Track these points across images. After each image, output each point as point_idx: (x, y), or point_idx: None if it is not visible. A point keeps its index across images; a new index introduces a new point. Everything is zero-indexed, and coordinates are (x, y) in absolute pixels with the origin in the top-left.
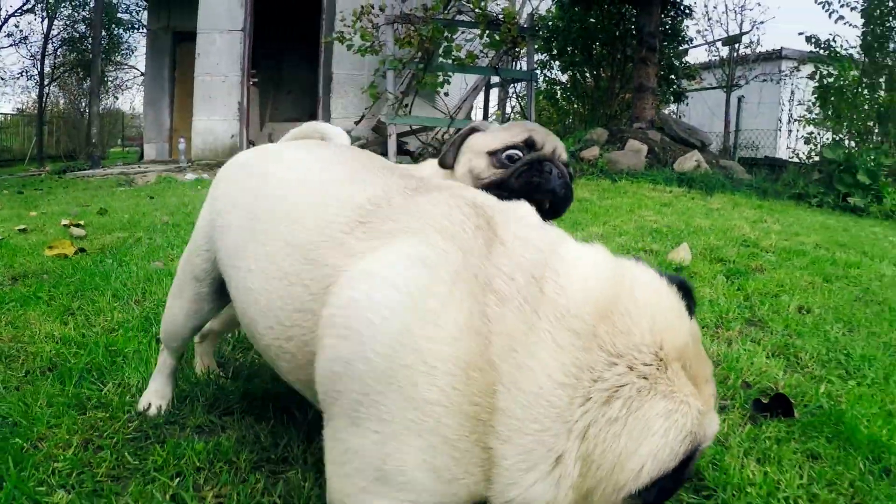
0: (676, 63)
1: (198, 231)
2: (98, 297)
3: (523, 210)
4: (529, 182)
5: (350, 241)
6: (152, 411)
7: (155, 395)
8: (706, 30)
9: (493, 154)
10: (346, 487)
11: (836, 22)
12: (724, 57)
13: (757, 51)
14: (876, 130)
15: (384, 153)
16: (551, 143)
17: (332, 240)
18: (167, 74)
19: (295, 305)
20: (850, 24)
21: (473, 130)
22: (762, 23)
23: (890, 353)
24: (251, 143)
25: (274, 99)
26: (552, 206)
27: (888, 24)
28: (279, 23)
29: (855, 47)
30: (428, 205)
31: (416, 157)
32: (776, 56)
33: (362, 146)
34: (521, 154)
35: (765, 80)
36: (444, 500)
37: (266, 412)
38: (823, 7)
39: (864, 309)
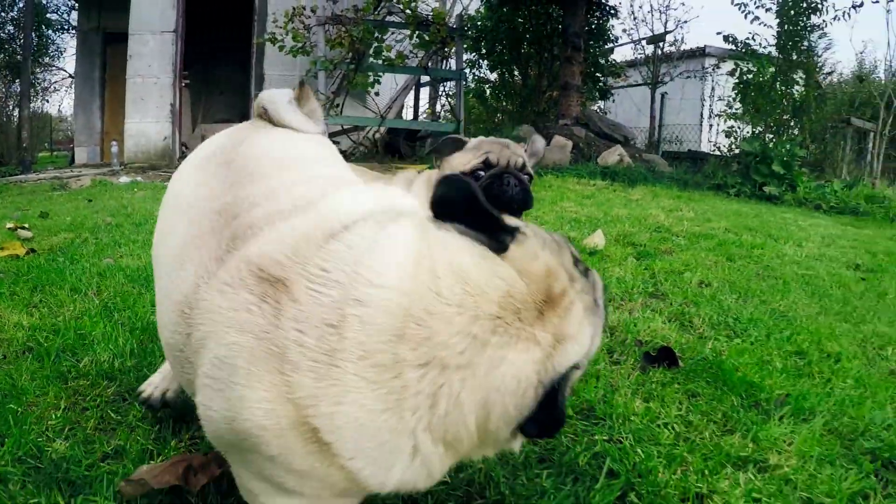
0: (602, 61)
1: None
2: (57, 290)
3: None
4: (490, 196)
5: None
6: (154, 397)
7: (152, 384)
8: (632, 29)
9: (465, 174)
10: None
11: (751, 22)
12: (650, 55)
13: (681, 49)
14: (792, 123)
15: None
16: (505, 156)
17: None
18: (98, 76)
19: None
20: (765, 25)
21: (456, 142)
22: (686, 22)
23: (776, 318)
24: (184, 146)
25: (206, 100)
26: (517, 210)
27: (801, 24)
28: (210, 24)
29: (772, 46)
30: (219, 300)
31: (347, 157)
32: (700, 53)
33: None
34: (483, 173)
35: (689, 77)
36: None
37: None
38: (740, 8)
39: (760, 283)
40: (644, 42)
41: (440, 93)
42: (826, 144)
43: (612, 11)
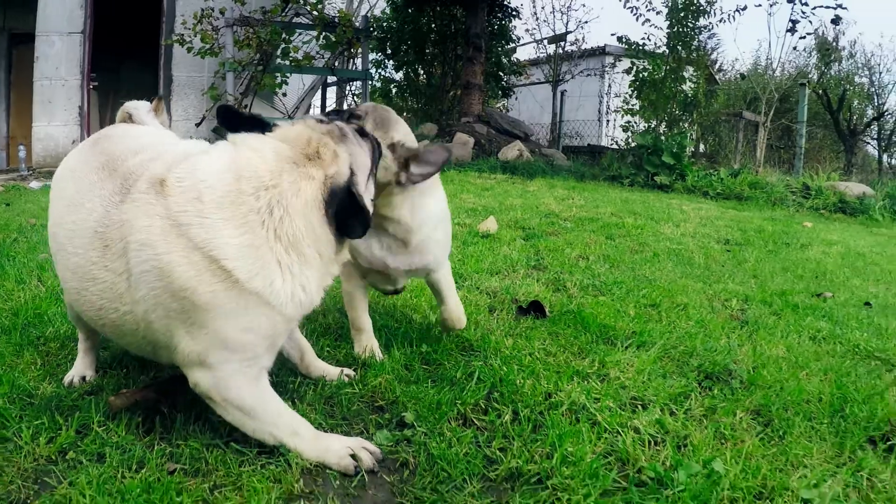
0: (505, 60)
1: None
2: (3, 282)
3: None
4: None
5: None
6: (75, 383)
7: (74, 371)
8: (535, 29)
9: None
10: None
11: (643, 25)
12: (551, 54)
13: (582, 48)
14: (683, 118)
15: None
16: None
17: None
18: (3, 78)
19: None
20: (656, 27)
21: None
22: (586, 22)
23: (639, 281)
24: None
25: (113, 102)
26: None
27: (689, 25)
28: (116, 25)
29: (664, 45)
30: (130, 209)
31: None
32: (600, 52)
33: None
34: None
35: (589, 75)
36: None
37: None
38: (632, 11)
39: (633, 256)
40: (546, 42)
41: (346, 93)
42: (720, 136)
43: (515, 13)
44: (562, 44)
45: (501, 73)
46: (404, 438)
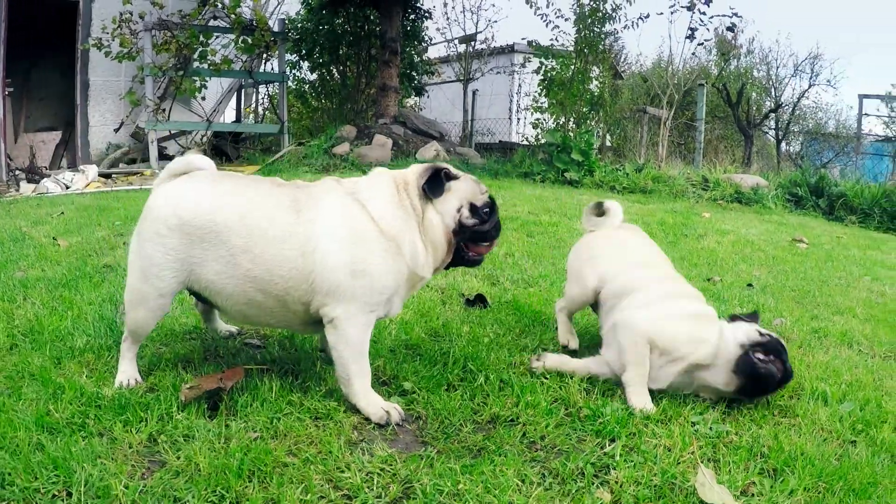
0: (418, 60)
1: (160, 262)
2: None
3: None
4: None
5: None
6: (128, 385)
7: (125, 375)
8: (445, 28)
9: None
10: None
11: (552, 31)
12: (462, 52)
13: (492, 46)
14: (590, 115)
15: (145, 159)
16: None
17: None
18: None
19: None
20: (564, 32)
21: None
22: (496, 22)
23: (559, 274)
24: (8, 157)
25: (27, 108)
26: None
27: (595, 30)
28: (29, 29)
29: (571, 48)
30: (334, 204)
31: None
32: (509, 50)
33: (124, 153)
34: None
35: (498, 73)
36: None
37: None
38: (542, 18)
39: (553, 252)
40: (457, 41)
41: (263, 94)
42: (625, 130)
43: (427, 14)
44: (472, 43)
45: (414, 74)
46: (412, 400)
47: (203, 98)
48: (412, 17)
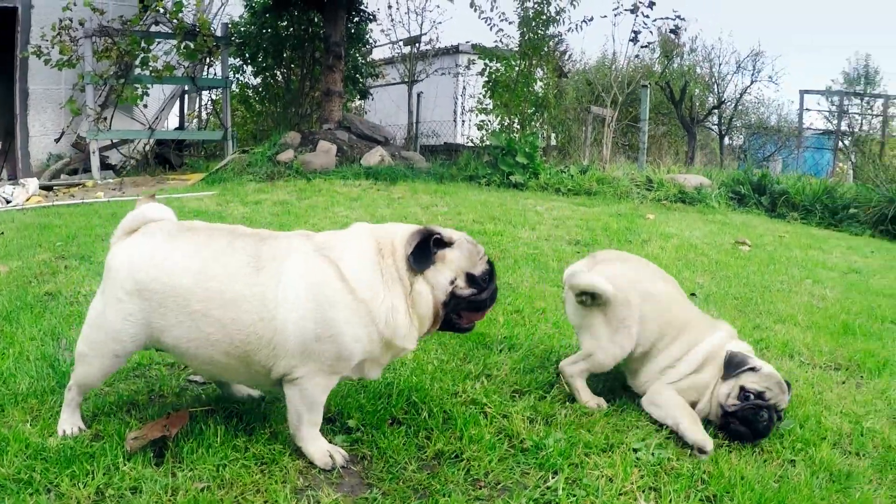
0: (362, 62)
1: (119, 328)
2: None
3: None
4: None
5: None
6: (73, 433)
7: (69, 423)
8: (390, 29)
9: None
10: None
11: (496, 34)
12: (406, 54)
13: (437, 47)
14: (534, 117)
15: (87, 170)
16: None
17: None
18: None
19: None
20: (509, 36)
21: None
22: (440, 23)
23: (503, 289)
24: None
25: None
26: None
27: (539, 33)
28: None
29: (515, 50)
30: (300, 264)
31: (118, 171)
32: (454, 51)
33: (66, 164)
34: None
35: (443, 74)
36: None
37: None
38: (486, 21)
39: (497, 263)
40: (401, 43)
41: (206, 100)
42: (570, 131)
43: (371, 17)
44: (417, 45)
45: (359, 76)
46: (356, 440)
47: (145, 105)
48: (356, 19)
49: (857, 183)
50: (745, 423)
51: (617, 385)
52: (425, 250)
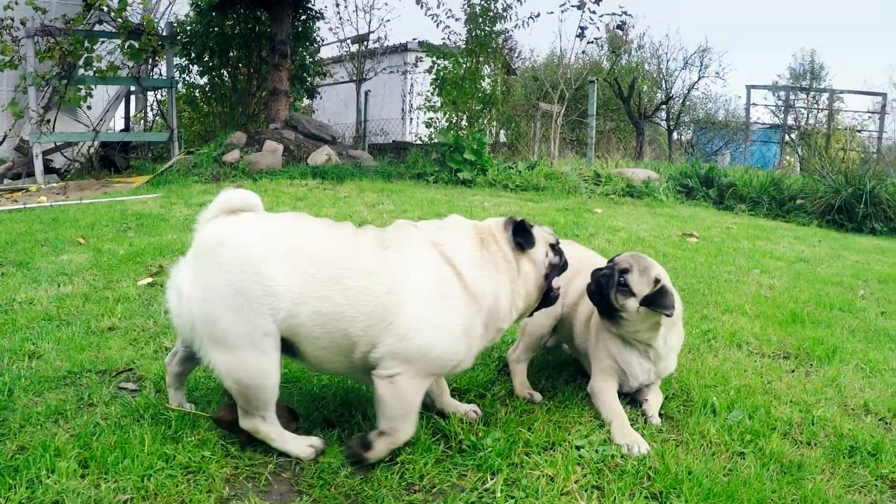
0: (309, 61)
1: (261, 287)
2: None
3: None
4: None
5: None
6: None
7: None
8: (338, 28)
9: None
10: None
11: (443, 31)
12: (354, 52)
13: (385, 45)
14: (482, 114)
15: (31, 174)
16: None
17: None
18: None
19: None
20: (455, 32)
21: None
22: (389, 21)
23: None
24: None
25: None
26: None
27: (486, 30)
28: None
29: (462, 46)
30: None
31: (62, 174)
32: (402, 49)
33: (8, 168)
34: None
35: (392, 73)
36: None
37: None
38: (432, 18)
39: None
40: (349, 41)
41: (151, 101)
42: (519, 127)
43: (318, 15)
44: (365, 43)
45: (306, 76)
46: None
47: (89, 107)
48: (303, 17)
49: (803, 174)
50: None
51: (560, 382)
52: (526, 231)
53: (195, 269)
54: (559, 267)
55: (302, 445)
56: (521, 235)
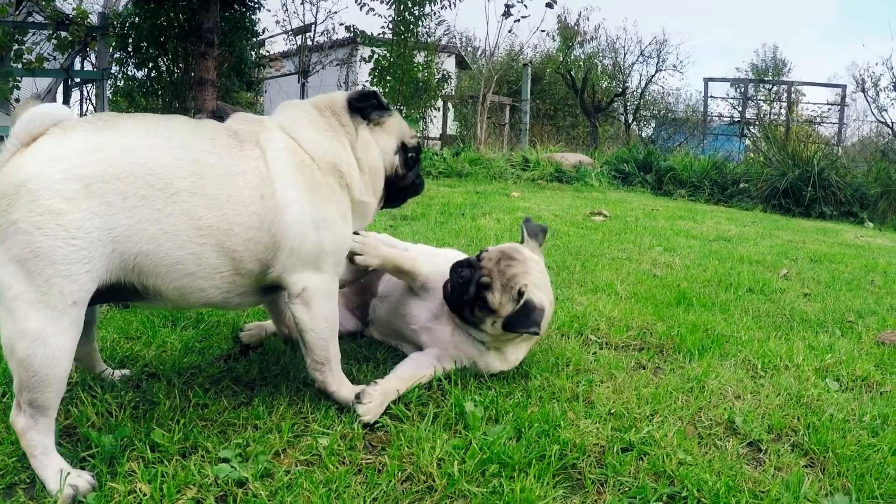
0: (251, 53)
1: (66, 238)
2: None
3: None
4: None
5: None
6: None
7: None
8: (285, 20)
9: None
10: None
11: (367, 14)
12: (300, 45)
13: (333, 38)
14: (412, 101)
15: None
16: None
17: None
18: None
19: None
20: (380, 16)
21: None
22: (336, 12)
23: None
24: None
25: None
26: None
27: (414, 13)
28: None
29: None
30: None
31: None
32: (350, 42)
33: None
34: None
35: (338, 65)
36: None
37: None
38: (356, 1)
39: None
40: (292, 33)
41: (87, 94)
42: (468, 119)
43: (258, 4)
44: (309, 35)
45: (244, 68)
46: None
47: (17, 100)
48: (241, 8)
49: (748, 158)
50: None
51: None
52: (366, 98)
53: None
54: (414, 150)
55: (60, 476)
56: (362, 102)
